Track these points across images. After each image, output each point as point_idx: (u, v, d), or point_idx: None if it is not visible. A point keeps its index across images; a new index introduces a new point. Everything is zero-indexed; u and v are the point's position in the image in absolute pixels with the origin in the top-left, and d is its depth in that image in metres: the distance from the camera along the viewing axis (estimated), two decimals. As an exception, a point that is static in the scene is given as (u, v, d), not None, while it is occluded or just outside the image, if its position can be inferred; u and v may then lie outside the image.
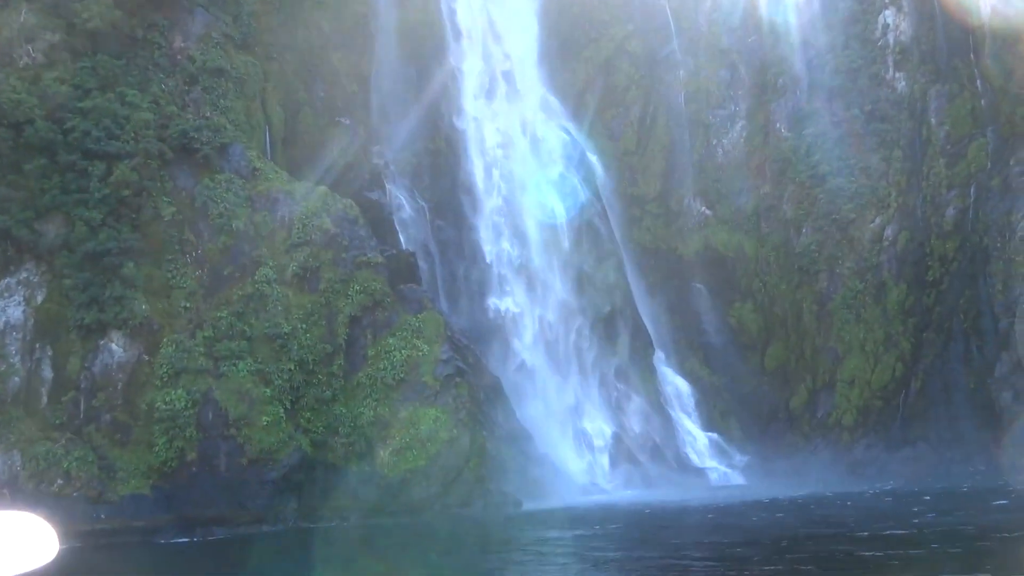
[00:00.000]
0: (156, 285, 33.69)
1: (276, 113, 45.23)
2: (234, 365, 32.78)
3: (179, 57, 41.97)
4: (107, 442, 30.77)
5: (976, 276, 45.39)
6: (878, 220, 51.22)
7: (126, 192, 33.45)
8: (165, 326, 33.13)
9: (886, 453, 45.00)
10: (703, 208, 57.54)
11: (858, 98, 53.46)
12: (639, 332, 51.96)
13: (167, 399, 31.27)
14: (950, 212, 47.96)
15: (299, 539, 29.89)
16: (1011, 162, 45.64)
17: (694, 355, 54.27)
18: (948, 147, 49.66)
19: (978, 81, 50.33)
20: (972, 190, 47.46)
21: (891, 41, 54.34)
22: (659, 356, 52.40)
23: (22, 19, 34.61)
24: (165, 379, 31.86)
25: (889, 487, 38.99)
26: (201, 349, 32.80)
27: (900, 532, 23.08)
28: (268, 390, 32.83)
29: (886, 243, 50.31)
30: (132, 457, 30.72)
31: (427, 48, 52.03)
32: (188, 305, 33.85)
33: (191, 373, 32.05)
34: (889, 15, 54.84)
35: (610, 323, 51.14)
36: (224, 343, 33.19)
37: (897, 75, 53.85)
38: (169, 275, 34.09)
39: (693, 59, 59.18)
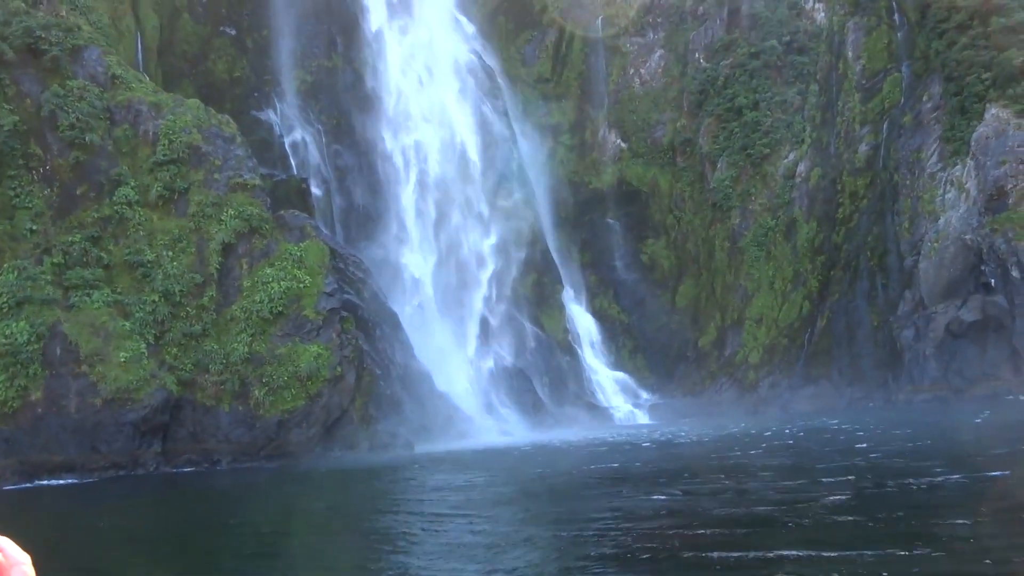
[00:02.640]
0: (-5, 204, 29.73)
1: (150, 18, 40.74)
2: (87, 295, 29.37)
3: (32, -52, 36.98)
4: (-64, 380, 27.19)
5: (884, 213, 44.81)
6: (792, 156, 50.14)
7: (-45, 96, 29.12)
8: (6, 250, 29.36)
9: (789, 391, 44.65)
10: (618, 140, 55.51)
11: (777, 28, 51.83)
12: (548, 268, 50.07)
13: (7, 332, 27.76)
14: (863, 148, 47.06)
15: (158, 486, 27.17)
16: (923, 98, 44.77)
17: (604, 292, 52.84)
18: (863, 82, 48.50)
19: (896, 15, 49.11)
20: (885, 126, 46.57)
21: (813, -30, 52.70)
22: (568, 293, 50.72)
23: None
24: (5, 310, 28.25)
25: (793, 427, 38.49)
26: (48, 277, 29.21)
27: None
28: (127, 323, 29.60)
29: (799, 179, 49.31)
30: (-35, 397, 27.24)
31: (325, -45, 47.73)
32: (34, 228, 30.07)
33: (36, 303, 28.52)
34: (814, -56, 53.00)
35: (519, 256, 49.00)
36: (76, 271, 29.67)
37: (817, 5, 52.35)
38: (12, 193, 30.14)
39: (612, -19, 56.44)
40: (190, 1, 43.22)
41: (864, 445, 24.58)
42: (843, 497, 14.70)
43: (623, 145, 55.15)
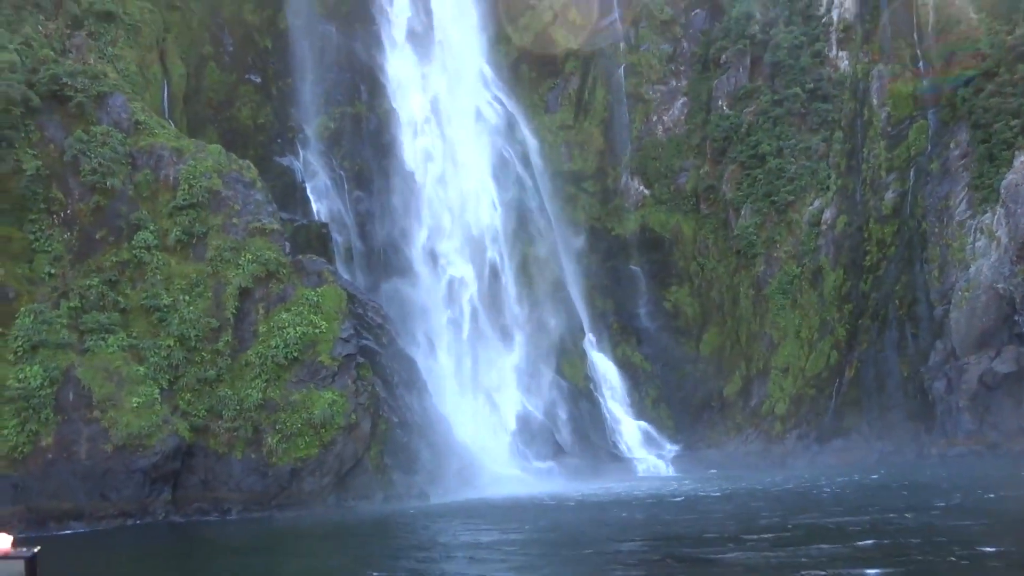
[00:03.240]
0: (16, 248, 29.85)
1: (176, 66, 41.33)
2: (103, 339, 29.20)
3: (64, -1, 37.84)
4: (-53, 424, 26.98)
5: (913, 262, 43.86)
6: (817, 203, 49.44)
7: (-19, 141, 29.47)
8: (23, 294, 29.35)
9: (817, 444, 43.31)
10: (641, 187, 55.17)
11: (800, 76, 51.51)
12: (570, 314, 49.40)
13: (20, 376, 27.61)
14: (889, 195, 46.35)
15: (168, 536, 26.59)
16: (951, 145, 44.12)
17: (627, 340, 51.97)
18: (889, 129, 48.02)
19: (920, 62, 48.79)
20: (911, 173, 45.90)
21: (835, 18, 52.48)
22: (590, 340, 49.96)
23: None
24: (20, 354, 28.14)
25: (823, 481, 37.14)
26: (64, 321, 29.12)
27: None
28: (141, 368, 29.34)
29: (824, 227, 48.55)
30: (-25, 441, 26.98)
31: (350, 4, 48.44)
32: (53, 271, 30.10)
33: (51, 347, 28.38)
34: (834, -10, 52.98)
35: (540, 304, 48.46)
36: (92, 315, 29.56)
37: (840, 54, 52.04)
38: (32, 237, 30.27)
39: (635, 30, 56.64)
40: (217, 50, 43.91)
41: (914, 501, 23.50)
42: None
43: (646, 192, 54.79)
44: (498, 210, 49.03)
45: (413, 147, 48.12)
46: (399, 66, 48.67)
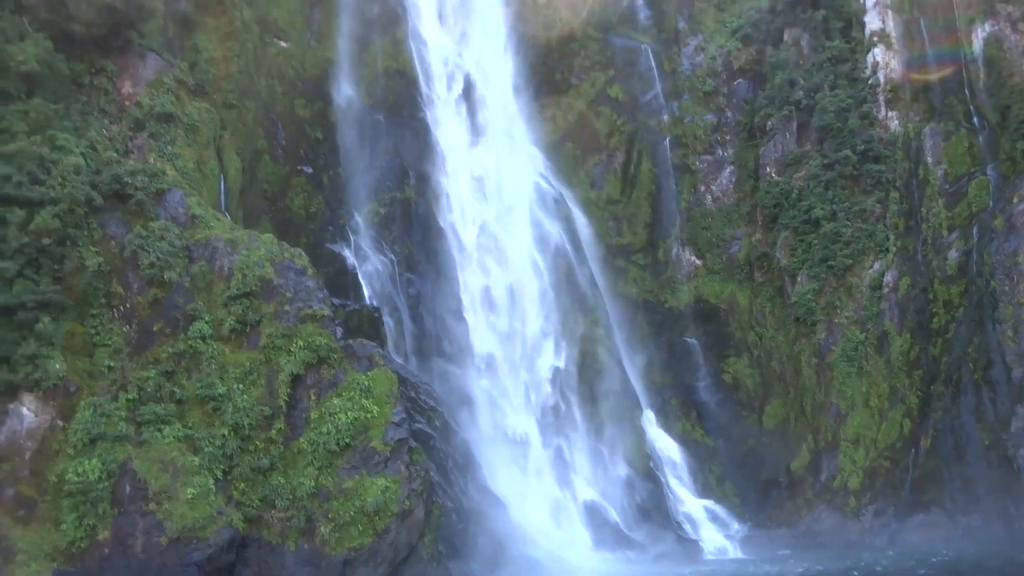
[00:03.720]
0: (77, 343, 30.57)
1: (232, 161, 42.75)
2: (158, 431, 29.42)
3: (127, 103, 39.77)
4: (8, 520, 27.22)
5: (984, 322, 41.95)
6: (877, 265, 48.04)
7: (47, 241, 30.62)
8: (84, 388, 29.88)
9: (896, 521, 40.87)
10: (692, 258, 54.53)
11: (849, 139, 50.82)
12: (626, 391, 48.34)
13: (79, 470, 27.85)
14: (953, 255, 44.80)
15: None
16: (1014, 200, 42.68)
17: (686, 415, 50.49)
18: (947, 187, 46.79)
19: (974, 118, 47.79)
20: (975, 231, 44.39)
21: (882, 79, 52.01)
22: (647, 416, 48.64)
23: (-54, 61, 32.35)
24: (79, 448, 28.48)
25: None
26: (122, 413, 29.48)
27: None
28: (196, 459, 29.36)
29: (886, 290, 47.03)
30: (35, 537, 27.15)
31: (397, 93, 49.89)
32: (112, 364, 30.67)
33: (108, 440, 28.66)
34: (878, 53, 52.67)
35: (594, 381, 47.62)
36: (149, 406, 29.89)
37: (890, 114, 51.35)
38: (93, 331, 31.00)
39: (677, 103, 56.98)
40: (271, 143, 45.42)
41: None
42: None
43: (698, 262, 54.11)
44: (548, 288, 48.87)
45: (462, 228, 48.62)
46: (446, 150, 49.60)
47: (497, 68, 55.07)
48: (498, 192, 50.44)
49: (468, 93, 52.46)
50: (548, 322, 47.66)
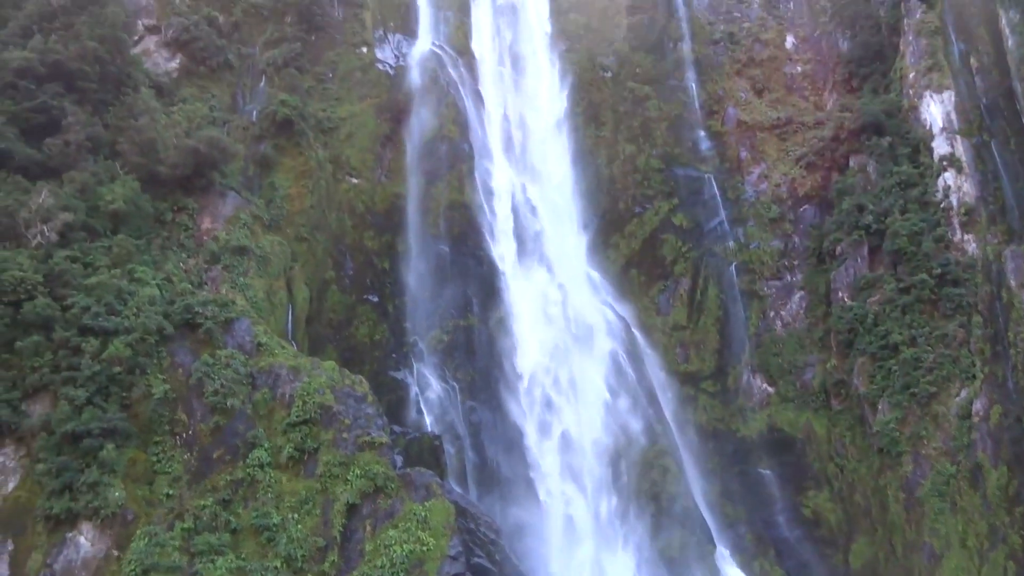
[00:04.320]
0: (139, 470, 30.87)
1: (301, 291, 44.05)
2: (211, 562, 28.97)
3: (205, 238, 41.83)
4: (57, 653, 26.75)
5: (1090, 455, 38.67)
6: (964, 393, 45.29)
7: (118, 369, 31.60)
8: (141, 516, 29.90)
9: None
10: (764, 385, 52.61)
11: (924, 262, 49.28)
12: (698, 526, 45.78)
13: (130, 601, 27.40)
14: (1047, 381, 42.00)
15: None
16: (1111, 323, 40.15)
17: (763, 552, 47.27)
18: (1034, 310, 44.48)
19: (1057, 238, 45.95)
20: (1070, 355, 41.72)
21: (954, 203, 50.79)
22: (721, 554, 45.75)
23: (41, 200, 34.80)
24: (132, 577, 28.14)
25: None
26: (177, 543, 29.24)
27: None
28: (248, 592, 28.62)
29: (976, 419, 44.08)
30: (82, 672, 26.48)
31: (462, 226, 51.14)
32: (171, 492, 30.75)
33: (161, 572, 28.35)
34: (949, 177, 51.75)
35: (664, 516, 45.32)
36: (204, 536, 29.60)
37: (966, 237, 49.79)
38: (155, 459, 31.34)
39: (743, 229, 56.73)
40: (338, 274, 46.82)
41: None
42: None
43: (770, 390, 52.15)
44: (614, 417, 47.68)
45: (524, 357, 48.39)
46: (509, 279, 50.18)
47: (561, 199, 56.36)
48: (562, 319, 50.35)
49: (532, 224, 53.51)
50: (614, 451, 46.15)
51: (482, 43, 61.04)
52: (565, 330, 49.74)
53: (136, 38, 50.81)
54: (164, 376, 32.76)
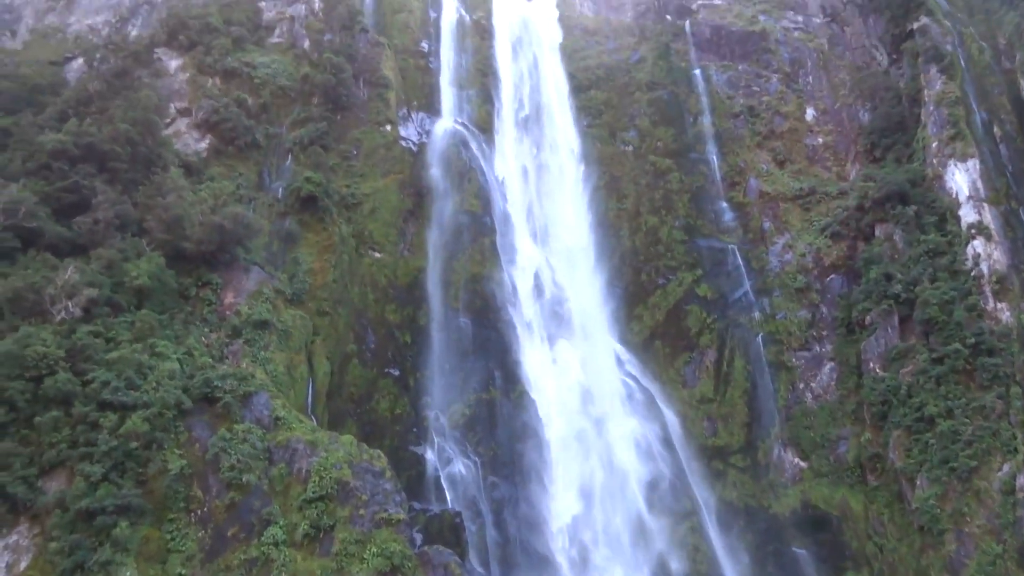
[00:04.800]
0: (152, 548, 30.30)
1: (322, 365, 43.91)
2: (223, 644, 28.02)
3: (228, 312, 42.07)
4: None
5: None
6: (1006, 468, 43.43)
7: (134, 445, 31.42)
8: (151, 598, 29.16)
9: None
10: (796, 459, 50.95)
11: (957, 331, 48.06)
12: (731, 608, 43.86)
13: None
14: (1094, 453, 40.18)
15: None
16: None
17: (802, 638, 44.98)
18: (1075, 378, 42.95)
19: (1097, 305, 44.66)
20: (1116, 427, 39.97)
21: (985, 271, 49.82)
22: (757, 639, 43.62)
23: (67, 276, 35.32)
24: (139, 662, 27.29)
25: None
26: (188, 624, 28.38)
27: None
28: None
29: (1021, 495, 42.11)
30: None
31: (484, 298, 51.02)
32: (184, 572, 30.07)
33: (171, 655, 27.42)
34: (978, 245, 50.95)
35: (695, 597, 43.53)
36: (216, 617, 28.72)
37: (999, 305, 48.63)
38: (168, 536, 30.78)
39: (768, 300, 55.99)
40: (360, 347, 46.68)
41: None
42: None
43: (803, 464, 50.47)
44: (641, 493, 46.31)
45: (548, 431, 47.51)
46: (531, 352, 49.73)
47: (583, 272, 56.27)
48: (585, 393, 49.61)
49: (554, 296, 53.33)
50: (640, 528, 44.62)
51: (504, 120, 62.23)
52: (589, 403, 48.86)
53: (168, 120, 52.50)
54: (181, 451, 32.48)
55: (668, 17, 75.10)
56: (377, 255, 51.20)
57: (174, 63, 55.63)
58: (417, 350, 48.30)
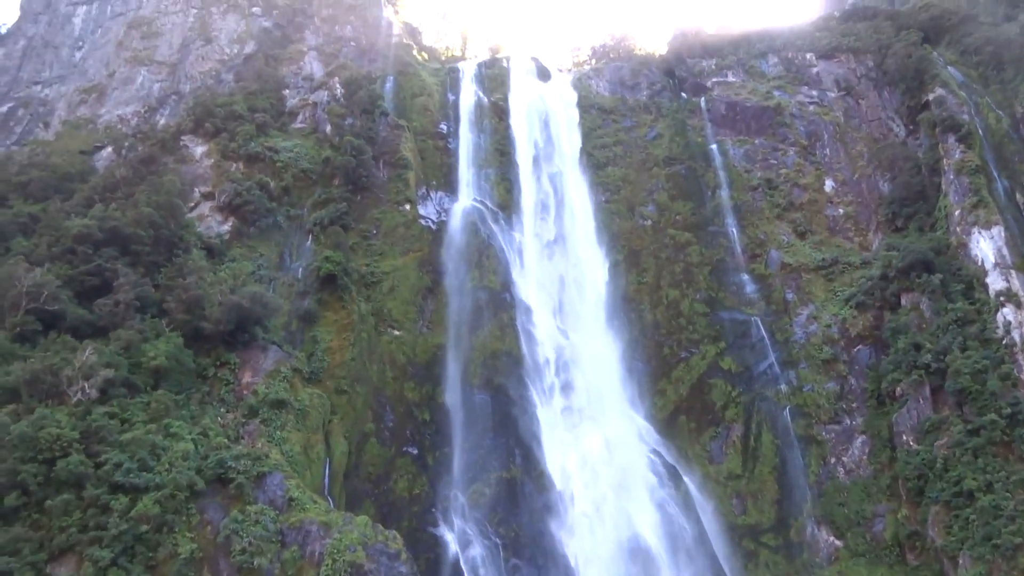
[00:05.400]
0: (160, 638, 29.38)
1: (339, 445, 43.33)
2: None
3: (245, 392, 41.96)
4: None
5: None
6: (1055, 545, 41.25)
7: (145, 528, 30.90)
8: None
9: None
10: (831, 538, 48.81)
11: (992, 401, 46.49)
12: None
13: None
14: None
15: None
16: None
17: None
18: (1120, 452, 41.07)
19: None
20: None
21: (1017, 339, 48.48)
22: None
23: (85, 357, 35.50)
24: None
25: None
26: None
27: None
28: None
29: (1071, 573, 39.86)
30: None
31: (504, 374, 50.50)
32: (191, 660, 29.00)
33: None
34: (1008, 312, 49.80)
35: None
36: None
37: (1034, 375, 47.16)
38: (173, 628, 29.83)
39: (795, 372, 54.76)
40: (378, 426, 46.11)
41: None
42: None
43: (838, 543, 48.31)
44: (668, 571, 44.48)
45: (571, 511, 46.18)
46: (552, 429, 48.86)
47: (604, 346, 55.57)
48: (608, 470, 48.33)
49: (574, 372, 52.66)
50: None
51: (522, 197, 62.81)
52: (612, 482, 47.55)
53: (193, 204, 53.70)
54: (192, 534, 31.86)
55: (684, 95, 76.39)
56: (396, 332, 51.11)
57: (200, 149, 57.25)
58: (436, 428, 47.61)
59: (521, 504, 45.65)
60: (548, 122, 70.33)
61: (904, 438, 49.10)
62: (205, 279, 42.82)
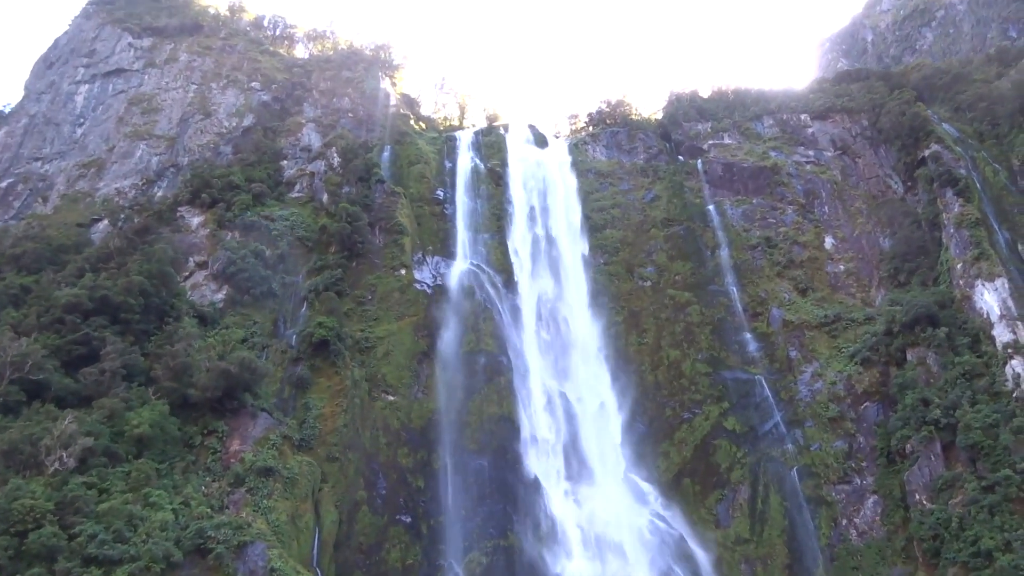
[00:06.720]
0: None
1: (330, 514, 41.97)
2: None
3: (232, 460, 40.92)
4: None
5: None
6: (1080, 607, 39.06)
7: (117, 604, 29.49)
8: None
9: None
10: (846, 605, 46.56)
11: (1006, 456, 44.78)
12: None
13: None
14: None
15: None
16: None
17: None
18: None
19: None
20: None
21: (1028, 392, 47.15)
22: None
23: (64, 426, 34.75)
24: None
25: None
26: None
27: None
28: None
29: (1100, 637, 37.58)
30: None
31: (501, 439, 49.22)
32: None
33: None
34: (1017, 365, 48.50)
35: None
36: None
37: (1047, 426, 45.52)
38: None
39: (801, 431, 53.19)
40: (370, 494, 44.74)
41: None
42: None
43: (854, 611, 46.03)
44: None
45: (572, 579, 44.33)
46: (551, 494, 47.38)
47: (604, 409, 54.35)
48: (611, 536, 46.48)
49: (573, 435, 51.38)
50: None
51: (519, 260, 62.57)
52: (614, 547, 45.71)
53: (187, 273, 53.63)
54: (168, 607, 30.45)
55: (680, 157, 76.85)
56: (390, 398, 50.15)
57: (196, 219, 57.53)
58: (431, 495, 46.15)
59: (519, 573, 43.85)
60: (545, 187, 70.65)
61: (917, 497, 47.25)
62: (193, 346, 42.26)
